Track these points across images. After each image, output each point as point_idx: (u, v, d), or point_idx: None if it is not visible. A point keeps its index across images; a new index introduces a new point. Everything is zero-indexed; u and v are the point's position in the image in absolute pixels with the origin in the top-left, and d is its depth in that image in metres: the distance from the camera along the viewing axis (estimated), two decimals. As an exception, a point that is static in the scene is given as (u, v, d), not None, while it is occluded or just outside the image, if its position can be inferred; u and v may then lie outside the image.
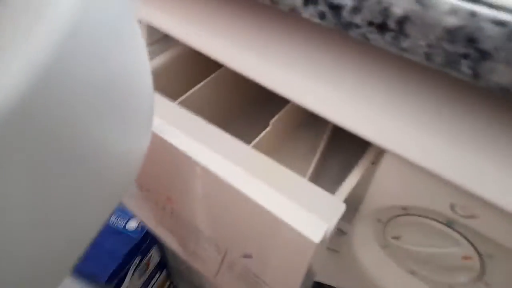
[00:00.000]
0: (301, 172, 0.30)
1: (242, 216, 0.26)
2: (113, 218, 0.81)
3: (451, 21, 0.20)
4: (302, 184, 0.26)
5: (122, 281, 0.75)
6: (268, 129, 0.33)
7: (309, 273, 0.26)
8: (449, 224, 0.30)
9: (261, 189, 0.24)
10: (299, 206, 0.23)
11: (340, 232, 0.40)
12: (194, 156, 0.26)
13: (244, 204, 0.24)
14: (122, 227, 0.79)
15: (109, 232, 0.78)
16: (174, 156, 0.27)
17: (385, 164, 0.28)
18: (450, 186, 0.26)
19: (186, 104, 0.35)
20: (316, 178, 0.35)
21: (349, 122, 0.29)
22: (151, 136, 0.21)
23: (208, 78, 0.37)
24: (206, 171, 0.25)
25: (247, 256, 0.28)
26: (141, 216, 0.43)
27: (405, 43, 0.23)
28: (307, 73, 0.30)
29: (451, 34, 0.21)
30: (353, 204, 0.38)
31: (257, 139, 0.32)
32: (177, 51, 0.41)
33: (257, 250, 0.27)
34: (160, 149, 0.28)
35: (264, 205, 0.23)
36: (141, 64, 0.19)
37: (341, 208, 0.25)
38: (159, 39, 0.43)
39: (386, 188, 0.30)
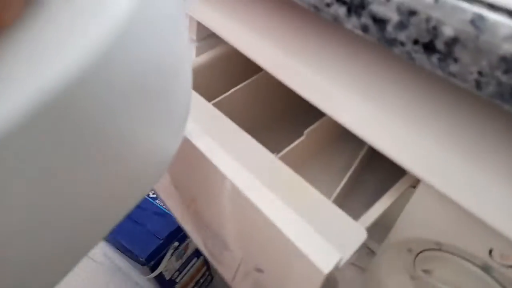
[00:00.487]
0: (329, 190, 0.28)
1: (258, 232, 0.25)
2: (158, 200, 0.83)
3: (509, 48, 0.18)
4: (326, 206, 0.25)
5: (160, 261, 0.77)
6: (301, 138, 0.32)
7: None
8: (486, 269, 0.27)
9: (281, 209, 0.23)
10: (316, 231, 0.22)
11: (369, 250, 0.38)
12: (222, 168, 0.25)
13: (261, 222, 0.23)
14: (167, 209, 0.81)
15: (152, 212, 0.80)
16: (203, 164, 0.27)
17: (419, 194, 0.26)
18: (491, 230, 0.23)
19: (222, 105, 0.35)
20: (345, 199, 0.33)
21: (386, 146, 0.27)
22: (182, 140, 0.21)
23: (246, 82, 0.36)
24: (231, 185, 0.24)
25: (259, 270, 0.27)
26: (169, 206, 0.44)
27: (453, 68, 0.20)
28: (346, 87, 0.29)
29: (508, 63, 0.18)
30: (385, 223, 0.36)
31: (289, 147, 0.31)
32: (223, 50, 0.41)
33: (268, 266, 0.26)
34: (191, 154, 0.28)
35: (280, 227, 0.22)
36: (184, 69, 0.19)
37: (362, 236, 0.23)
38: (207, 36, 0.43)
39: (419, 219, 0.27)
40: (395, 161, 0.26)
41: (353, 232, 0.23)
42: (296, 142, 0.32)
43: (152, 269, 0.77)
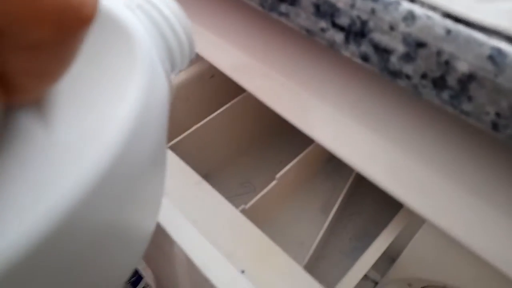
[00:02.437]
0: (309, 237, 0.26)
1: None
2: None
3: (534, 90, 0.16)
4: (295, 274, 0.22)
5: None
6: (273, 183, 0.30)
7: None
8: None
9: (239, 286, 0.20)
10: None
11: (371, 281, 0.36)
12: (176, 237, 0.22)
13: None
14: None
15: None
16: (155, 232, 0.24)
17: (424, 233, 0.24)
18: (502, 276, 0.21)
19: (205, 128, 0.32)
20: (328, 241, 0.31)
21: (385, 182, 0.24)
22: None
23: (228, 104, 0.33)
24: (182, 254, 0.22)
25: None
26: None
27: (467, 106, 0.18)
28: (339, 113, 0.26)
29: (531, 105, 0.16)
30: (389, 254, 0.34)
31: (260, 195, 0.29)
32: (199, 68, 0.38)
33: None
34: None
35: None
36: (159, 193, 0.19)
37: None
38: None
39: (422, 258, 0.25)
40: (392, 195, 0.24)
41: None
42: (267, 188, 0.30)
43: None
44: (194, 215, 0.24)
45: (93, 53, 0.13)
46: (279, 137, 0.41)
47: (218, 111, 0.33)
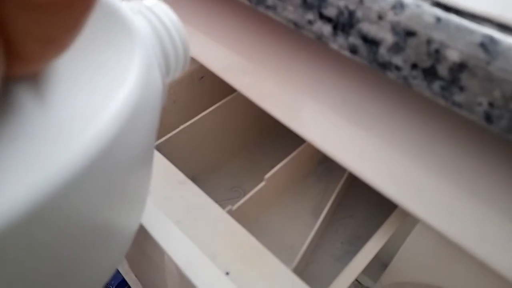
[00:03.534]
0: (300, 239, 0.25)
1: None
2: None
3: (527, 77, 0.15)
4: (283, 276, 0.21)
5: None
6: (262, 184, 0.29)
7: None
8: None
9: None
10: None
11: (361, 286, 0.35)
12: (159, 238, 0.21)
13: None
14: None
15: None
16: (138, 233, 0.23)
17: (417, 234, 0.23)
18: (499, 278, 0.20)
19: (193, 129, 0.31)
20: (319, 245, 0.30)
21: (378, 182, 0.23)
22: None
23: (219, 103, 0.33)
24: (172, 264, 0.21)
25: None
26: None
27: (458, 97, 0.17)
28: (330, 111, 0.25)
29: (525, 94, 0.15)
30: (382, 258, 0.33)
31: (247, 196, 0.28)
32: (196, 65, 0.37)
33: None
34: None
35: None
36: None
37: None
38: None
39: (416, 261, 0.24)
40: (386, 195, 0.23)
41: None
42: (256, 189, 0.29)
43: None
44: (178, 215, 0.23)
45: (94, 39, 0.13)
46: (271, 139, 0.40)
47: (207, 111, 0.32)
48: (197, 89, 0.36)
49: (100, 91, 0.12)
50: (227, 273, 0.21)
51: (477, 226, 0.21)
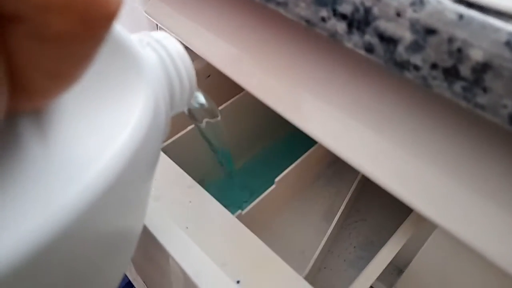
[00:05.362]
0: (311, 246, 0.24)
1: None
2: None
3: (558, 78, 0.14)
4: (295, 284, 0.20)
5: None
6: (272, 188, 0.28)
7: None
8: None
9: None
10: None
11: None
12: (166, 245, 0.20)
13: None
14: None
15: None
16: (145, 239, 0.22)
17: (434, 242, 0.22)
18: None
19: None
20: (331, 250, 0.29)
21: (392, 184, 0.23)
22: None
23: (225, 104, 0.32)
24: (179, 270, 0.20)
25: None
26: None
27: (481, 99, 0.17)
28: (341, 111, 0.25)
29: (555, 95, 0.15)
30: (395, 262, 0.32)
31: (257, 200, 0.27)
32: (202, 64, 0.36)
33: None
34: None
35: None
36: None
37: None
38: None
39: (434, 268, 0.24)
40: (399, 198, 0.23)
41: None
42: (266, 192, 0.28)
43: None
44: (186, 221, 0.22)
45: (101, 74, 0.12)
46: (280, 140, 0.40)
47: (220, 107, 0.31)
48: (203, 88, 0.36)
49: (104, 130, 0.12)
50: (238, 282, 0.20)
51: (494, 230, 0.20)
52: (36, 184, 0.10)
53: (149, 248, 0.23)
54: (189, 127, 0.30)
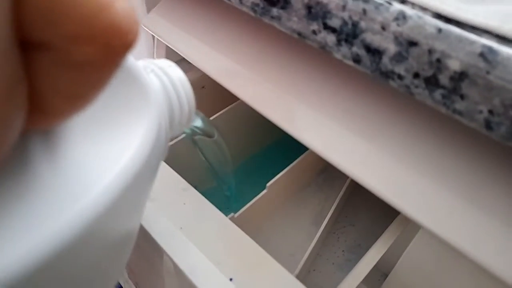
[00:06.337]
0: (301, 246, 0.25)
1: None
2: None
3: (526, 86, 0.16)
4: (287, 283, 0.21)
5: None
6: (263, 192, 0.29)
7: None
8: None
9: None
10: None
11: None
12: (162, 243, 0.21)
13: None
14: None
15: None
16: (141, 238, 0.23)
17: (417, 243, 0.23)
18: (500, 282, 0.21)
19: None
20: (320, 253, 0.30)
21: (379, 188, 0.24)
22: None
23: (219, 113, 0.33)
24: (168, 261, 0.21)
25: None
26: None
27: (459, 105, 0.18)
28: (332, 119, 0.26)
29: (524, 101, 0.16)
30: (381, 268, 0.33)
31: (249, 204, 0.28)
32: (194, 76, 0.37)
33: None
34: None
35: None
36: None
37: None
38: (177, 61, 0.40)
39: (416, 269, 0.25)
40: (388, 202, 0.24)
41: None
42: (257, 197, 0.29)
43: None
44: (180, 222, 0.23)
45: (109, 96, 0.13)
46: (272, 147, 0.41)
47: (214, 116, 0.32)
48: (198, 99, 0.37)
49: (110, 150, 0.12)
50: (231, 279, 0.21)
51: (477, 231, 0.21)
52: (44, 199, 0.10)
53: (144, 247, 0.23)
54: (182, 136, 0.31)
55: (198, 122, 0.27)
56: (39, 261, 0.09)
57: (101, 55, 0.08)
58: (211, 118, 0.33)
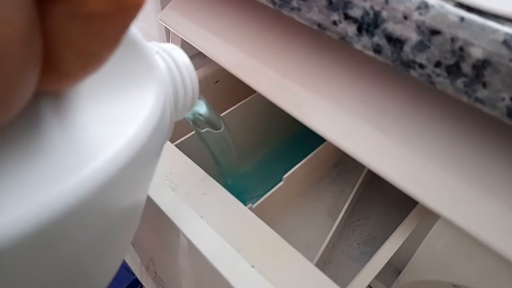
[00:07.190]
0: (317, 240, 0.25)
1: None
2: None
3: (550, 72, 0.16)
4: (308, 271, 0.21)
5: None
6: (280, 184, 0.29)
7: None
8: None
9: (250, 280, 0.20)
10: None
11: None
12: (181, 225, 0.22)
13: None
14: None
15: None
16: (159, 219, 0.23)
17: (437, 231, 0.24)
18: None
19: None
20: (336, 246, 0.30)
21: (397, 178, 0.24)
22: None
23: (234, 107, 0.33)
24: (191, 246, 0.21)
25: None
26: (130, 266, 0.40)
27: (481, 93, 0.18)
28: (349, 111, 0.26)
29: (547, 88, 0.16)
30: (394, 264, 0.33)
31: (266, 196, 0.28)
32: (210, 70, 0.38)
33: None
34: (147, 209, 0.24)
35: None
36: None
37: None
38: (192, 56, 0.40)
39: (436, 260, 0.25)
40: (408, 193, 0.24)
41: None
42: (274, 189, 0.30)
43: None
44: (200, 211, 0.24)
45: (118, 66, 0.13)
46: (288, 140, 0.41)
47: (223, 113, 0.33)
48: (212, 93, 0.37)
49: (119, 117, 0.13)
50: (252, 267, 0.21)
51: (499, 221, 0.21)
52: (52, 162, 0.10)
53: (166, 235, 0.23)
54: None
55: (202, 109, 0.28)
56: (43, 222, 0.09)
57: (111, 8, 0.08)
58: (226, 113, 0.34)
